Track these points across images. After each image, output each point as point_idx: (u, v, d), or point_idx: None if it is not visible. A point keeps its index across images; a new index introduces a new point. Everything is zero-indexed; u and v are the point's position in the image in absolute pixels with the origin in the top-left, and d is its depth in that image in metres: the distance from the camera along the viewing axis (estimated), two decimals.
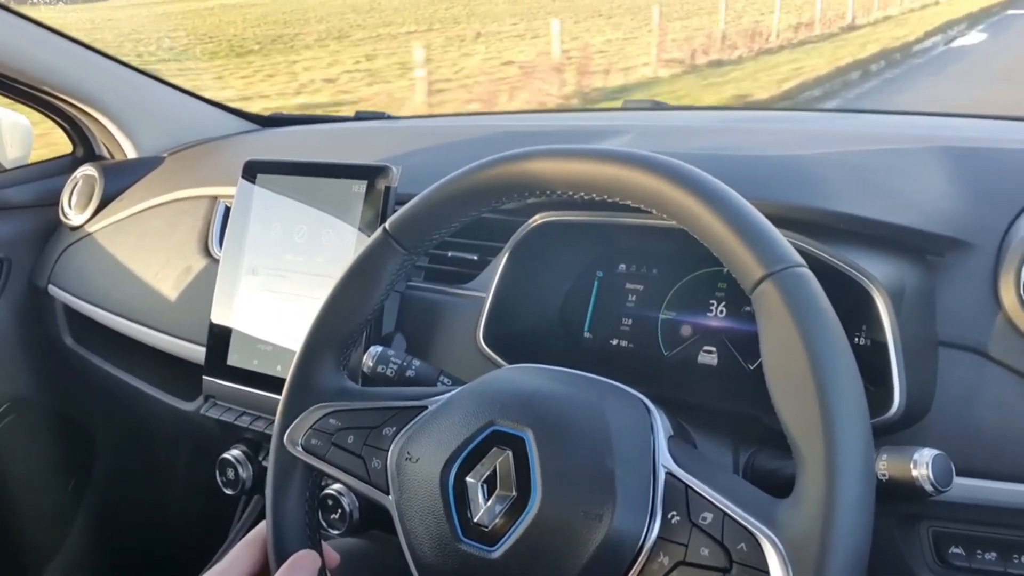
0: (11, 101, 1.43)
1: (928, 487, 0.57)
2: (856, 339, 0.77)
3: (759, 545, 0.50)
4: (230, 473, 1.06)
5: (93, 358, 1.36)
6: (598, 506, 0.54)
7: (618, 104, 1.67)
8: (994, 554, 0.72)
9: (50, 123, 1.49)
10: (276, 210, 1.05)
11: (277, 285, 1.03)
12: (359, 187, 0.98)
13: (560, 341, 0.91)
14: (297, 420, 0.68)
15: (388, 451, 0.63)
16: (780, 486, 0.54)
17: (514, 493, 0.56)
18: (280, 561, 0.66)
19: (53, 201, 1.43)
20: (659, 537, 0.54)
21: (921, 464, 0.57)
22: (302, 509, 0.68)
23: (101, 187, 1.38)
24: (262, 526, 0.69)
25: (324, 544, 0.69)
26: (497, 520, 0.56)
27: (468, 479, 0.58)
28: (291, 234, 1.03)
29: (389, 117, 1.53)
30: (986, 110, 1.16)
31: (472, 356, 0.88)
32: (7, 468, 1.43)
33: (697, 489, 0.54)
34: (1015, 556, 0.72)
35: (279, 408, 0.69)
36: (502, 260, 0.90)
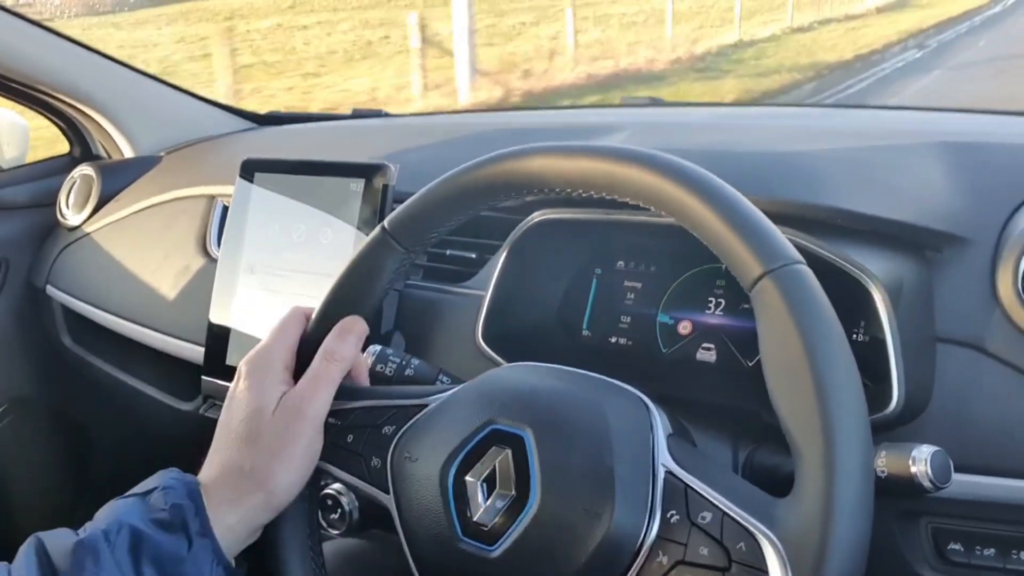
0: (8, 101, 1.42)
1: (927, 484, 0.57)
2: (855, 336, 0.77)
3: (758, 544, 0.51)
4: None
5: (92, 358, 1.36)
6: (598, 505, 0.54)
7: (616, 101, 1.67)
8: (993, 550, 0.72)
9: (47, 122, 1.49)
10: (274, 209, 1.04)
11: (275, 284, 1.03)
12: (357, 185, 0.98)
13: (559, 339, 0.91)
14: None
15: (388, 450, 0.63)
16: (780, 483, 0.54)
17: (513, 492, 0.56)
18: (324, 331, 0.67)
19: (50, 201, 1.42)
20: (658, 536, 0.54)
21: (920, 461, 0.57)
22: (302, 509, 0.68)
23: (98, 187, 1.37)
24: (297, 307, 0.70)
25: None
26: (497, 519, 0.56)
27: (467, 478, 0.58)
28: (289, 233, 1.03)
29: (386, 115, 1.53)
30: None
31: (471, 354, 0.88)
32: (6, 469, 1.43)
33: (696, 488, 0.54)
34: (1014, 552, 0.72)
35: None
36: (500, 258, 0.90)
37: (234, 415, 0.65)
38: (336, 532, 0.94)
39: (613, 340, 0.90)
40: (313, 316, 0.69)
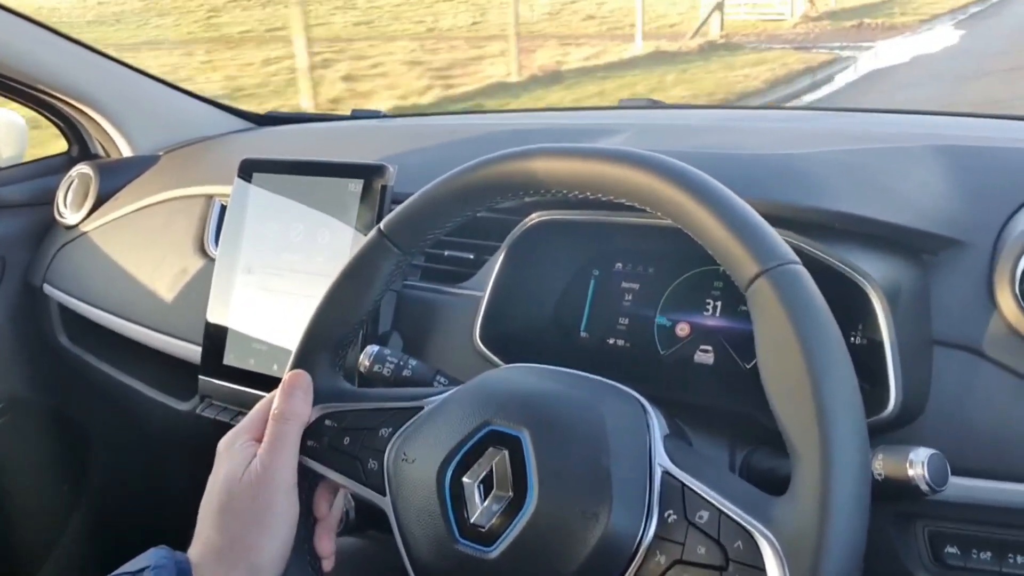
0: (6, 99, 1.42)
1: (924, 487, 0.57)
2: (852, 338, 0.77)
3: (755, 542, 0.51)
4: None
5: (89, 357, 1.36)
6: (595, 505, 0.54)
7: (614, 103, 1.67)
8: (989, 553, 0.72)
9: (45, 121, 1.49)
10: (272, 209, 1.04)
11: (273, 284, 1.03)
12: (355, 186, 0.98)
13: (556, 340, 0.91)
14: None
15: (384, 452, 0.63)
16: (777, 485, 0.54)
17: (511, 493, 0.56)
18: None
19: (48, 200, 1.42)
20: (656, 536, 0.54)
21: (917, 464, 0.57)
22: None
23: (96, 186, 1.37)
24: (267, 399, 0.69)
25: (323, 539, 0.69)
26: (494, 520, 0.56)
27: (464, 479, 0.58)
28: (287, 233, 1.03)
29: (385, 116, 1.53)
30: None
31: (469, 355, 0.88)
32: (2, 468, 1.43)
33: (693, 487, 0.54)
34: (1010, 555, 0.72)
35: None
36: (498, 259, 0.90)
37: (212, 488, 0.65)
38: None
39: (611, 342, 0.90)
40: (312, 316, 0.69)
